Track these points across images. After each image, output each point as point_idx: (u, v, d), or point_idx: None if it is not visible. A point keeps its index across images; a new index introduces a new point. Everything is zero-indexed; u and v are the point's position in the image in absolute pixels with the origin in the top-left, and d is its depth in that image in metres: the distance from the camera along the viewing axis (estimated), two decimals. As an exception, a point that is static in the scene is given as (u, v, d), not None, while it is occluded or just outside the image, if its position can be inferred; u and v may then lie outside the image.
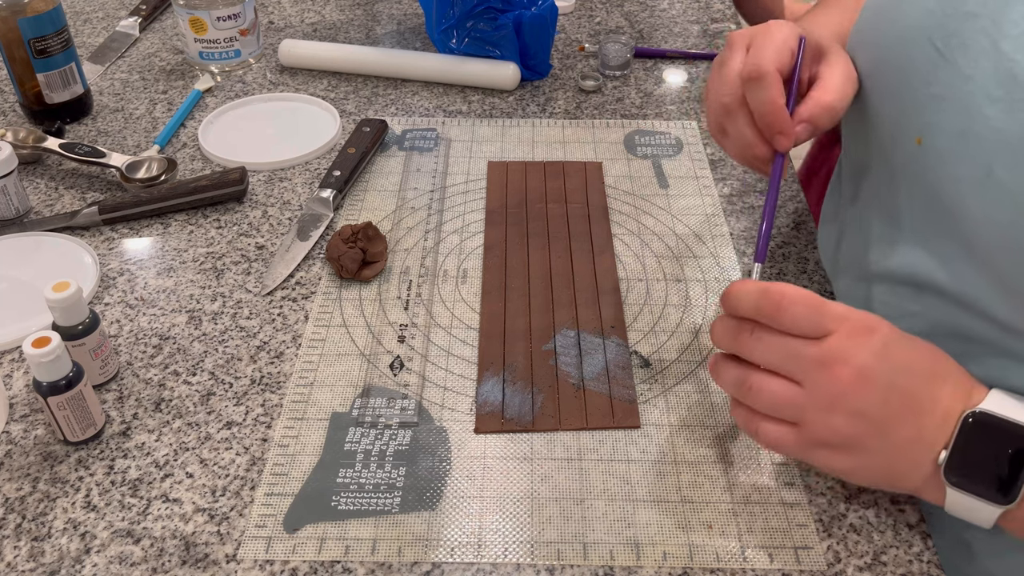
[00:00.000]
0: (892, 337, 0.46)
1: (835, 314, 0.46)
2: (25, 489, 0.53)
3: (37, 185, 0.80)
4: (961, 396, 0.46)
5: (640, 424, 0.57)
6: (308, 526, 0.51)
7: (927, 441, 0.45)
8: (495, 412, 0.57)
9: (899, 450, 0.46)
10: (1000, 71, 0.44)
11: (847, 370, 0.45)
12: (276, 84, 0.95)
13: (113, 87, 0.95)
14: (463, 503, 0.52)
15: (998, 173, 0.44)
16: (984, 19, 0.46)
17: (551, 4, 0.92)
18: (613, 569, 0.49)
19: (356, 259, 0.67)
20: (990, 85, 0.45)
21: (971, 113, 0.46)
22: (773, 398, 0.47)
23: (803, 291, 0.46)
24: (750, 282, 0.47)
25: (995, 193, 0.44)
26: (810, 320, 0.45)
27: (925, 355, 0.47)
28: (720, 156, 0.82)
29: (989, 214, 0.45)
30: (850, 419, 0.45)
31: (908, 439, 0.45)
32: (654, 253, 0.71)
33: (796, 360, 0.46)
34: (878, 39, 0.54)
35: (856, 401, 0.45)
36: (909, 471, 0.46)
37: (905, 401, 0.45)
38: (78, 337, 0.56)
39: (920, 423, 0.45)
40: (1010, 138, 0.43)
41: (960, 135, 0.46)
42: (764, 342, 0.47)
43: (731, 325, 0.48)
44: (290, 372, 0.61)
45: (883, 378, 0.45)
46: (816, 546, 0.50)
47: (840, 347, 0.45)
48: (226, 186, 0.76)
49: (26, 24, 0.81)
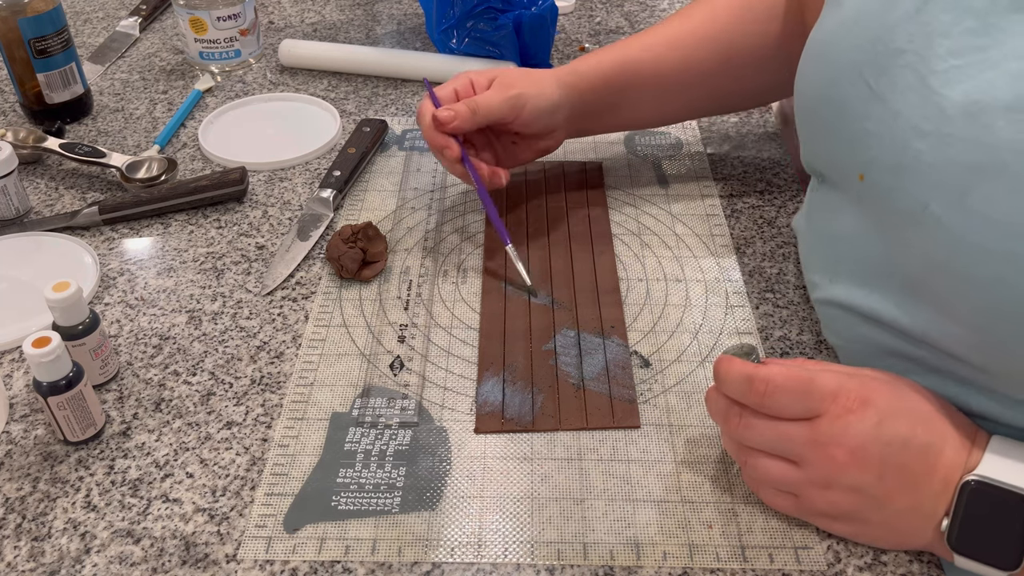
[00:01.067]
0: (887, 410, 0.46)
1: (825, 392, 0.46)
2: (25, 489, 0.53)
3: (37, 185, 0.80)
4: (960, 461, 0.45)
5: (640, 424, 0.57)
6: (308, 526, 0.51)
7: (926, 510, 0.46)
8: (495, 412, 0.58)
9: (898, 519, 0.47)
10: (928, 105, 0.44)
11: (841, 451, 0.45)
12: (276, 84, 0.95)
13: (113, 87, 0.95)
14: (463, 503, 0.52)
15: (933, 208, 0.44)
16: (911, 55, 0.46)
17: (551, 4, 0.92)
18: (613, 569, 0.49)
19: (356, 259, 0.67)
20: (918, 119, 0.45)
21: (903, 148, 0.46)
22: (769, 475, 0.49)
23: (789, 373, 0.46)
24: (737, 363, 0.48)
25: (931, 229, 0.44)
26: (798, 404, 0.47)
27: (922, 423, 0.46)
28: (720, 156, 0.83)
29: (927, 250, 0.45)
30: (847, 495, 0.47)
31: (906, 509, 0.46)
32: (654, 253, 0.71)
33: (788, 443, 0.47)
34: (818, 78, 0.55)
35: (852, 479, 0.46)
36: (912, 536, 0.48)
37: (901, 475, 0.46)
38: (78, 337, 0.56)
39: (918, 494, 0.46)
40: (942, 172, 0.43)
41: (895, 170, 0.47)
42: (754, 429, 0.48)
43: (722, 406, 0.50)
44: (290, 372, 0.61)
45: (877, 455, 0.45)
46: (816, 546, 0.50)
47: (831, 429, 0.46)
48: (226, 186, 0.76)
49: (26, 24, 0.81)
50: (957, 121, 0.43)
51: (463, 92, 0.69)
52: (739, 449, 0.50)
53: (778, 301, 0.66)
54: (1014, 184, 0.40)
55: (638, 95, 0.73)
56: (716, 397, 0.50)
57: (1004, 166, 0.40)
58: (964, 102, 0.43)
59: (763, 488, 0.50)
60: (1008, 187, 0.40)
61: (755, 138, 0.85)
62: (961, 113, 0.43)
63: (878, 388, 0.47)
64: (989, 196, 0.41)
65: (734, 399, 0.49)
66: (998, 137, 0.41)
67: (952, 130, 0.43)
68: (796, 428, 0.47)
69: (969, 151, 0.42)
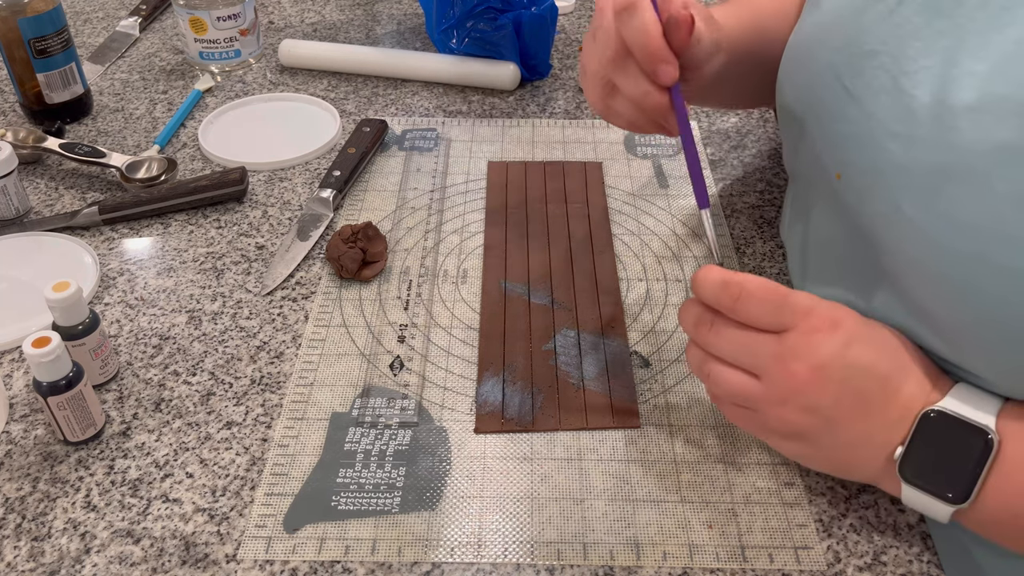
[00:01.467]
0: (855, 335, 0.46)
1: (797, 308, 0.46)
2: (25, 489, 0.53)
3: (37, 185, 0.80)
4: (923, 393, 0.46)
5: (640, 424, 0.57)
6: (308, 526, 0.51)
7: (878, 440, 0.46)
8: (495, 412, 0.58)
9: (849, 446, 0.47)
10: (899, 107, 0.45)
11: (803, 367, 0.45)
12: (276, 84, 0.95)
13: (113, 87, 0.95)
14: (463, 503, 0.52)
15: (905, 209, 0.44)
16: (884, 56, 0.46)
17: (551, 4, 0.92)
18: (613, 569, 0.49)
19: (356, 259, 0.67)
20: (890, 121, 0.45)
21: (877, 149, 0.46)
22: (729, 387, 0.48)
23: (764, 283, 0.46)
24: (715, 270, 0.47)
25: (904, 228, 0.44)
26: (769, 315, 0.46)
27: (887, 353, 0.46)
28: (720, 156, 0.83)
29: (900, 248, 0.45)
30: (801, 414, 0.46)
31: (858, 436, 0.46)
32: (654, 253, 0.71)
33: (753, 355, 0.47)
34: (797, 80, 0.55)
35: (809, 398, 0.46)
36: (860, 465, 0.48)
37: (858, 400, 0.45)
38: (78, 337, 0.56)
39: (871, 422, 0.46)
40: (912, 174, 0.44)
41: (870, 172, 0.47)
42: (722, 336, 0.48)
43: (694, 313, 0.49)
44: (290, 372, 0.61)
45: (837, 376, 0.45)
46: (816, 546, 0.50)
47: (797, 344, 0.45)
48: (226, 186, 0.76)
49: (26, 24, 0.81)
50: (925, 123, 0.43)
51: None
52: (703, 360, 0.49)
53: (778, 301, 0.66)
54: (979, 186, 0.40)
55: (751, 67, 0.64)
56: (689, 305, 0.50)
57: (969, 168, 0.41)
58: (931, 103, 0.43)
59: (722, 402, 0.50)
60: (974, 189, 0.40)
61: (755, 138, 0.85)
62: (928, 114, 0.43)
63: (850, 314, 0.47)
64: (956, 198, 0.41)
65: (707, 307, 0.48)
66: (962, 138, 0.41)
67: (921, 132, 0.43)
68: (763, 339, 0.46)
69: (936, 152, 0.42)
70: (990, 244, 0.40)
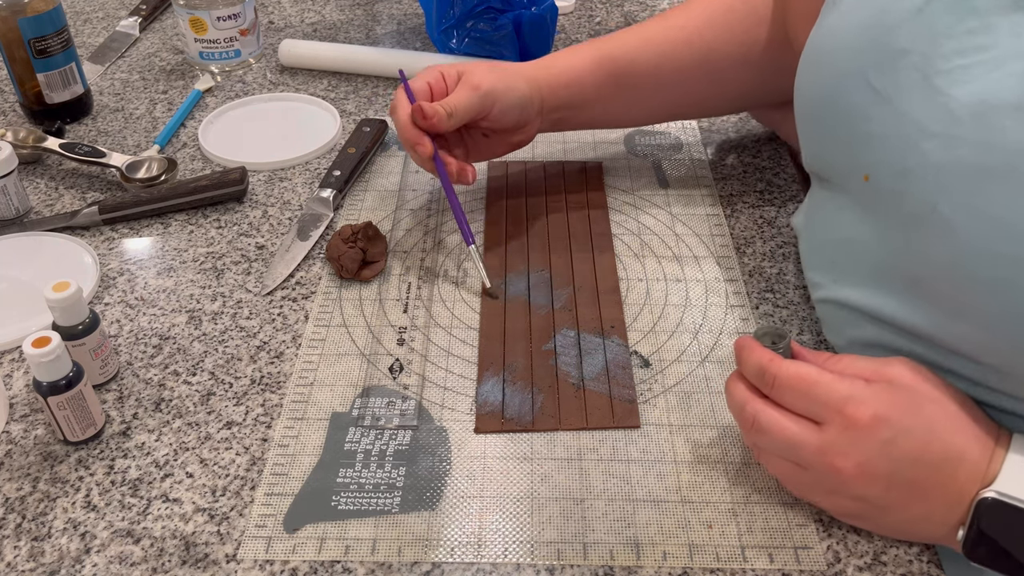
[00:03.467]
0: (899, 428, 0.45)
1: (829, 400, 0.45)
2: (25, 489, 0.53)
3: (37, 185, 0.80)
4: (979, 472, 0.44)
5: (640, 424, 0.57)
6: (308, 526, 0.51)
7: (937, 518, 0.46)
8: (495, 412, 0.57)
9: (908, 524, 0.48)
10: (934, 106, 0.44)
11: (847, 463, 0.45)
12: (276, 84, 0.95)
13: (113, 87, 0.95)
14: (463, 503, 0.52)
15: (941, 210, 0.44)
16: (914, 55, 0.46)
17: (551, 4, 0.92)
18: (613, 569, 0.49)
19: (356, 259, 0.67)
20: (925, 121, 0.45)
21: (910, 150, 0.45)
22: (781, 474, 0.50)
23: (794, 373, 0.47)
24: (756, 351, 0.48)
25: (939, 230, 0.44)
26: (803, 406, 0.47)
27: (937, 439, 0.45)
28: (720, 156, 0.83)
29: (934, 251, 0.45)
30: (853, 502, 0.47)
31: (916, 518, 0.46)
32: (654, 253, 0.71)
33: (796, 451, 0.47)
34: (819, 80, 0.54)
35: (858, 490, 0.46)
36: (924, 537, 0.49)
37: (911, 489, 0.45)
38: (78, 337, 0.56)
39: (929, 504, 0.45)
40: (950, 174, 0.43)
41: (902, 172, 0.46)
42: (764, 433, 0.48)
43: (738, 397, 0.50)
44: (290, 372, 0.61)
45: (885, 471, 0.45)
46: (816, 546, 0.50)
47: (837, 441, 0.45)
48: (226, 186, 0.76)
49: (26, 24, 0.81)
50: (965, 122, 0.43)
51: (436, 87, 0.68)
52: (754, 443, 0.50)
53: (778, 301, 0.66)
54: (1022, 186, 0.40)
55: (611, 93, 0.72)
56: (734, 384, 0.50)
57: (1012, 168, 0.40)
58: (971, 103, 0.42)
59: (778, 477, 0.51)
60: (1016, 189, 0.40)
61: (755, 138, 0.85)
62: (969, 114, 0.42)
63: (894, 400, 0.45)
64: (997, 198, 0.41)
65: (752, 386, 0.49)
66: (1007, 138, 0.41)
67: (960, 131, 0.43)
68: (804, 434, 0.46)
69: (977, 153, 0.42)
70: None
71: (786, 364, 0.47)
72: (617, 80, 0.72)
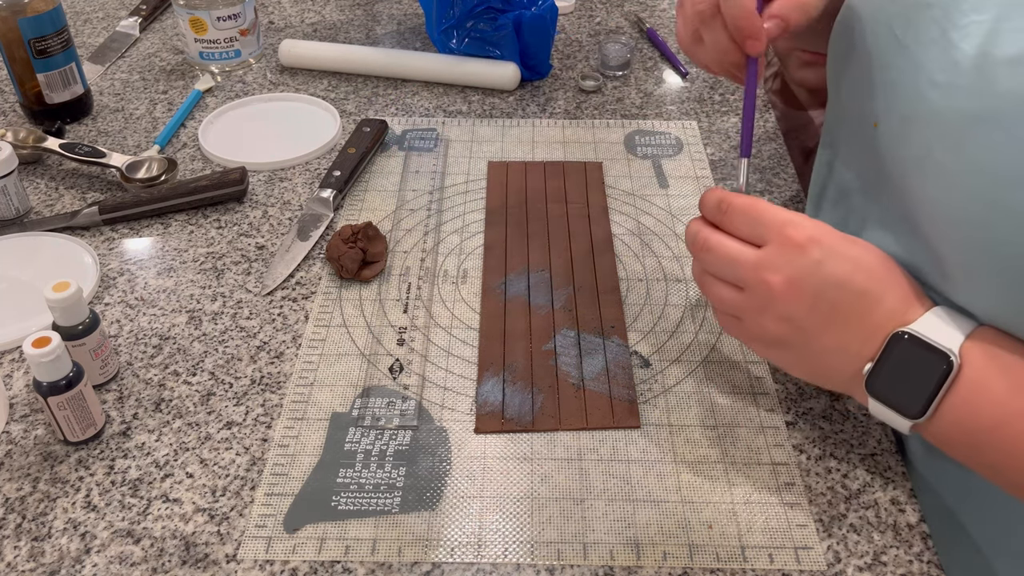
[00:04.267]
0: (832, 250, 0.48)
1: (773, 221, 0.49)
2: (25, 489, 0.53)
3: (37, 185, 0.80)
4: (899, 312, 0.47)
5: (640, 424, 0.57)
6: (308, 526, 0.51)
7: (851, 351, 0.48)
8: (495, 412, 0.58)
9: (823, 355, 0.49)
10: (945, 58, 0.46)
11: (777, 278, 0.48)
12: (276, 84, 0.95)
13: (113, 87, 0.95)
14: (463, 503, 0.52)
15: (936, 154, 0.45)
16: (936, 8, 0.47)
17: (551, 4, 0.92)
18: (613, 569, 0.49)
19: (356, 259, 0.67)
20: (935, 71, 0.46)
21: (917, 98, 0.47)
22: (720, 299, 0.52)
23: (749, 199, 0.50)
24: (716, 190, 0.52)
25: (932, 172, 0.46)
26: (749, 227, 0.50)
27: (865, 270, 0.48)
28: (720, 156, 0.83)
29: (926, 192, 0.47)
30: (778, 322, 0.49)
31: (831, 347, 0.49)
32: (654, 253, 0.71)
33: (735, 267, 0.50)
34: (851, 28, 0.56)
35: (784, 307, 0.48)
36: (833, 374, 0.50)
37: (832, 313, 0.48)
38: (78, 337, 0.56)
39: (845, 334, 0.48)
40: (947, 121, 0.45)
41: (906, 119, 0.48)
42: (711, 251, 0.51)
43: (694, 228, 0.53)
44: (290, 372, 0.61)
45: (811, 289, 0.48)
46: (816, 546, 0.50)
47: (773, 256, 0.48)
48: (226, 186, 0.76)
49: (26, 24, 0.81)
50: (966, 72, 0.44)
51: None
52: (701, 274, 0.53)
53: (778, 301, 0.66)
54: (1007, 134, 0.42)
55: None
56: (692, 222, 0.54)
57: (1000, 115, 0.42)
58: (975, 55, 0.44)
59: (718, 312, 0.54)
60: (1001, 136, 0.42)
61: (755, 138, 0.85)
62: (971, 65, 0.44)
63: (831, 232, 0.48)
64: (984, 143, 0.43)
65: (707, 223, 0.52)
66: (999, 87, 0.42)
67: (960, 80, 0.44)
68: (745, 252, 0.49)
69: (971, 100, 0.43)
70: (1008, 189, 0.41)
71: (740, 196, 0.51)
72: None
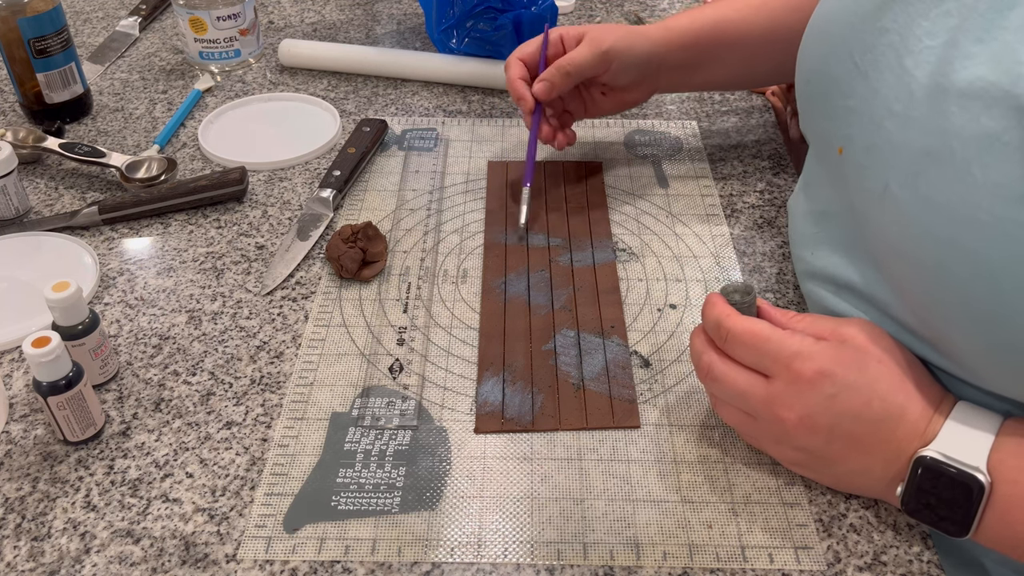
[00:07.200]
0: (843, 385, 0.46)
1: (779, 355, 0.47)
2: (25, 489, 0.53)
3: (37, 185, 0.80)
4: (918, 431, 0.46)
5: (640, 424, 0.57)
6: (308, 526, 0.51)
7: (875, 474, 0.47)
8: (495, 412, 0.57)
9: (848, 476, 0.49)
10: (900, 86, 0.45)
11: (791, 415, 0.47)
12: (276, 84, 0.95)
13: (113, 87, 0.95)
14: (463, 503, 0.52)
15: (892, 188, 0.44)
16: (893, 34, 0.47)
17: (551, 4, 0.92)
18: (613, 569, 0.49)
19: (356, 259, 0.67)
20: (891, 99, 0.45)
21: (875, 127, 0.46)
22: (735, 425, 0.52)
23: (748, 329, 0.48)
24: (717, 307, 0.50)
25: (890, 208, 0.45)
26: (753, 359, 0.48)
27: (878, 398, 0.46)
28: (720, 156, 0.83)
29: (884, 226, 0.46)
30: (796, 452, 0.49)
31: (856, 469, 0.48)
32: (654, 253, 0.71)
33: (745, 401, 0.49)
34: (815, 52, 0.55)
35: (800, 440, 0.48)
36: (862, 491, 0.51)
37: (849, 441, 0.47)
38: (78, 337, 0.56)
39: (867, 459, 0.47)
40: (902, 153, 0.44)
41: (868, 149, 0.47)
42: (718, 381, 0.50)
43: (697, 347, 0.52)
44: (290, 372, 0.61)
45: (826, 424, 0.47)
46: (816, 546, 0.50)
47: (782, 393, 0.47)
48: (226, 186, 0.76)
49: (26, 24, 0.81)
50: (921, 103, 0.43)
51: (553, 51, 0.73)
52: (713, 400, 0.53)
53: (778, 301, 0.66)
54: (959, 171, 0.41)
55: (727, 55, 0.74)
56: (696, 336, 0.52)
57: (952, 152, 0.41)
58: (928, 84, 0.43)
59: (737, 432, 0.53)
60: (953, 174, 0.41)
61: (755, 138, 0.85)
62: (924, 95, 0.43)
63: (840, 358, 0.47)
64: (937, 181, 0.42)
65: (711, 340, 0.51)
66: (950, 122, 0.41)
67: (915, 112, 0.44)
68: (753, 385, 0.48)
69: (925, 135, 0.43)
70: (962, 229, 0.41)
71: (740, 320, 0.49)
72: (732, 43, 0.73)
